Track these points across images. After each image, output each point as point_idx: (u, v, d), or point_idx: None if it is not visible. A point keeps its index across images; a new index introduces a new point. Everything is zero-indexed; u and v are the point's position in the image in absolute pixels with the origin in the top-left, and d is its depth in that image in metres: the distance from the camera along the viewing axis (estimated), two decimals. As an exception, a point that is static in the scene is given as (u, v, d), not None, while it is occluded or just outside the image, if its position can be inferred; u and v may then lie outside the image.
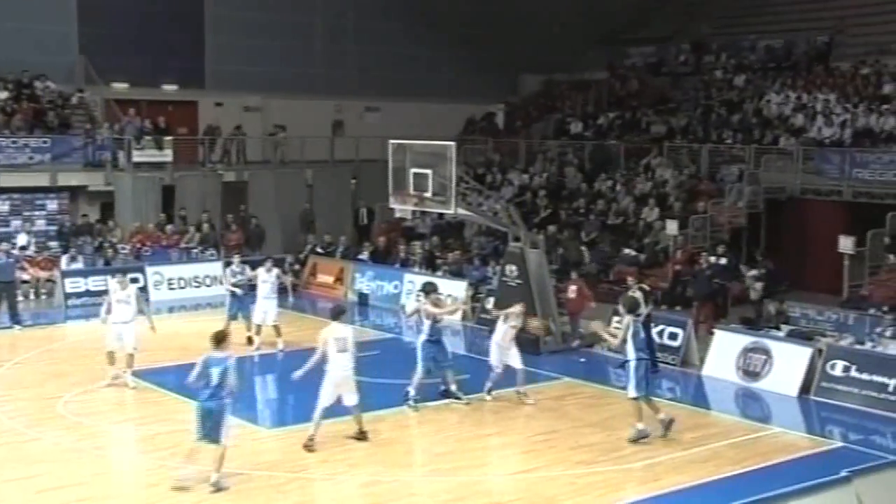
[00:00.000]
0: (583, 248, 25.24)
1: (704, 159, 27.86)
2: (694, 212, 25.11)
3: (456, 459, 13.30)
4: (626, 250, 24.99)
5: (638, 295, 17.96)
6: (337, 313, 13.70)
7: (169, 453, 13.13)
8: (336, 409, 14.96)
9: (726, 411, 16.28)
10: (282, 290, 23.98)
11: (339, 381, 13.29)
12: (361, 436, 13.62)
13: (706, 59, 34.19)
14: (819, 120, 27.45)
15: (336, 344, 13.26)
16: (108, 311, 16.56)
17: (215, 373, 11.72)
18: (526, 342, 19.17)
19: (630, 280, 19.19)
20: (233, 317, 19.33)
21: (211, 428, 11.73)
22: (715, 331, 18.72)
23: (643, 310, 18.02)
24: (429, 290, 16.07)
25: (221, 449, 11.80)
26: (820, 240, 23.70)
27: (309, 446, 13.27)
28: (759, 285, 20.96)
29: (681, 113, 31.43)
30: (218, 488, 11.79)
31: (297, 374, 13.33)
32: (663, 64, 35.50)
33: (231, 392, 11.81)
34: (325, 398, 13.31)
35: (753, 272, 21.62)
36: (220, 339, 12.04)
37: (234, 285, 19.52)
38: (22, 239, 25.32)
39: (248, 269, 20.07)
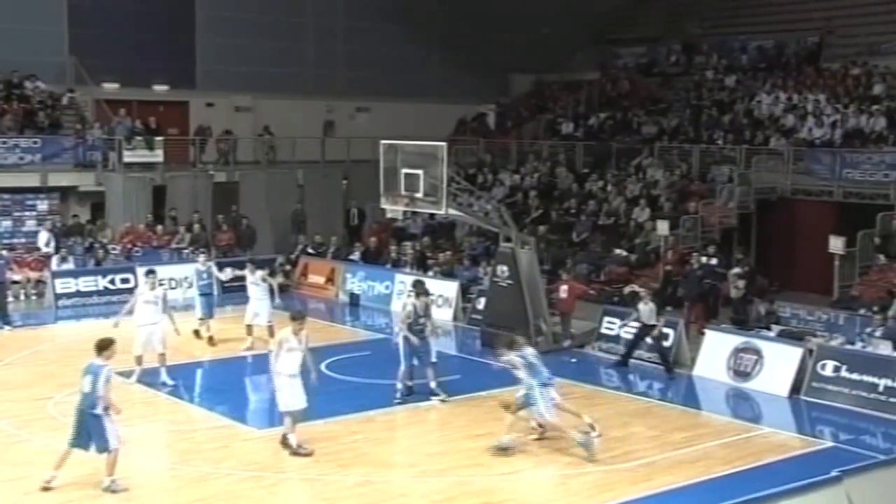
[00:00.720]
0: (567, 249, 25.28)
1: (695, 160, 27.90)
2: (685, 212, 25.14)
3: (447, 460, 13.27)
4: (617, 251, 25.01)
5: (646, 307, 17.97)
6: (297, 317, 13.51)
7: (158, 454, 13.09)
8: (326, 410, 14.98)
9: (717, 411, 16.29)
10: (280, 289, 24.19)
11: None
12: (284, 441, 13.31)
13: (697, 59, 34.24)
14: (809, 120, 27.50)
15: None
16: (130, 312, 16.44)
17: (88, 381, 11.56)
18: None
19: (642, 292, 19.05)
20: (204, 317, 19.50)
21: (93, 437, 11.57)
22: (706, 331, 18.74)
23: (646, 319, 18.02)
24: (420, 291, 15.97)
25: (113, 454, 11.64)
26: (810, 240, 23.74)
27: (286, 445, 13.28)
28: (741, 283, 20.99)
29: (672, 113, 31.47)
30: (113, 491, 11.67)
31: (314, 376, 13.24)
32: (654, 64, 35.54)
33: (104, 400, 11.55)
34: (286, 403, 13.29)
35: (736, 270, 21.65)
36: (102, 346, 11.82)
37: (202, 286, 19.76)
38: (43, 238, 25.10)
39: (214, 268, 20.29)
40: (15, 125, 27.23)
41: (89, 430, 11.58)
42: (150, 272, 17.48)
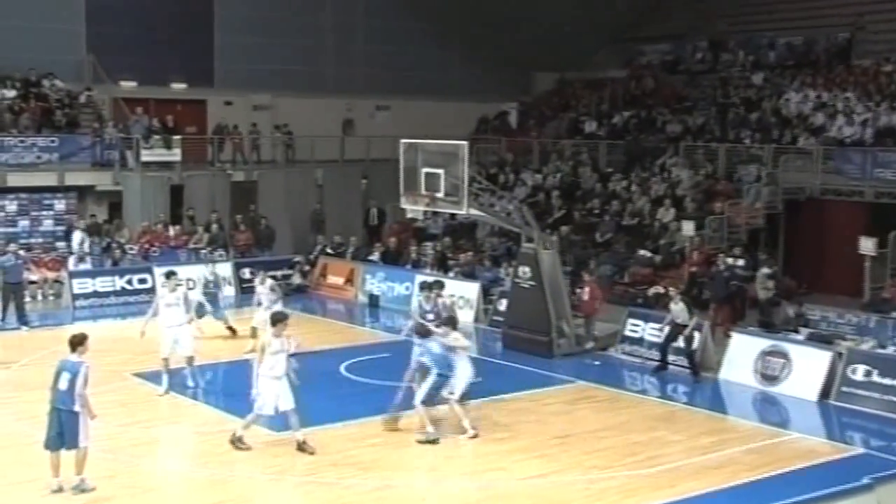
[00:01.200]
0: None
1: (722, 159, 27.78)
2: (711, 212, 25.04)
3: (468, 464, 13.28)
4: (642, 252, 24.94)
5: (677, 307, 17.98)
6: (276, 319, 13.55)
7: (174, 457, 13.15)
8: (344, 412, 15.01)
9: (744, 416, 16.20)
10: (298, 290, 24.30)
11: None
12: (302, 446, 13.36)
13: (724, 56, 34.09)
14: (839, 119, 27.33)
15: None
16: (156, 314, 16.54)
17: (66, 378, 11.53)
18: (538, 345, 19.20)
19: (672, 291, 19.01)
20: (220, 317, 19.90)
21: (65, 434, 11.55)
22: (732, 334, 18.65)
23: (682, 319, 17.94)
24: (425, 286, 16.04)
25: (82, 451, 11.63)
26: (840, 241, 23.59)
27: (303, 449, 13.31)
28: (770, 284, 20.89)
29: (697, 112, 31.35)
30: (82, 490, 11.69)
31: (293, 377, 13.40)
32: (679, 62, 35.41)
33: (82, 398, 11.54)
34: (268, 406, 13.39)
35: (765, 270, 21.54)
36: (77, 342, 11.80)
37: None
38: (77, 237, 25.22)
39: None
40: (32, 124, 27.42)
41: (62, 427, 11.54)
42: (170, 274, 17.60)
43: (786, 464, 13.38)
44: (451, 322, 14.92)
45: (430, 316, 15.78)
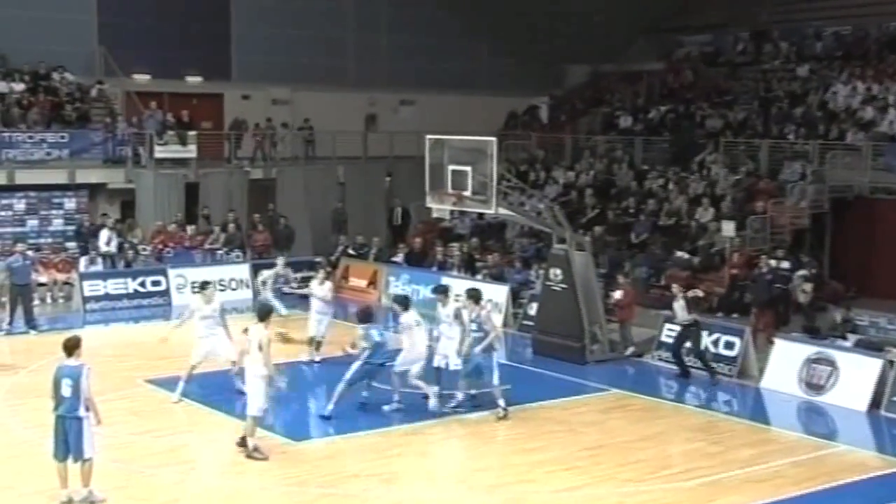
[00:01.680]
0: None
1: (764, 156, 27.63)
2: (752, 212, 24.90)
3: (496, 475, 13.27)
4: (679, 253, 24.84)
5: (678, 304, 18.07)
6: (263, 314, 13.79)
7: (190, 468, 13.23)
8: (369, 421, 15.05)
9: (788, 427, 16.11)
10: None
11: (247, 386, 13.58)
12: (242, 442, 13.60)
13: (766, 47, 33.89)
14: (890, 113, 27.10)
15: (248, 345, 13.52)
16: (180, 325, 16.73)
17: (67, 384, 11.51)
18: (570, 351, 19.18)
19: (675, 287, 19.10)
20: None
21: (72, 444, 11.55)
22: (775, 340, 18.55)
23: (681, 317, 18.03)
24: (474, 295, 15.92)
25: (88, 462, 11.64)
26: (891, 242, 23.43)
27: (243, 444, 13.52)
28: (807, 287, 20.75)
29: (738, 106, 31.19)
30: (91, 503, 11.71)
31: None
32: (720, 53, 35.24)
33: (87, 402, 11.54)
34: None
35: (801, 272, 21.39)
36: (73, 346, 11.80)
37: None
38: (104, 236, 25.36)
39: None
40: (42, 119, 27.65)
41: (67, 435, 11.57)
42: (205, 284, 17.43)
43: (833, 477, 13.30)
44: (403, 302, 15.99)
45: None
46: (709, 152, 28.66)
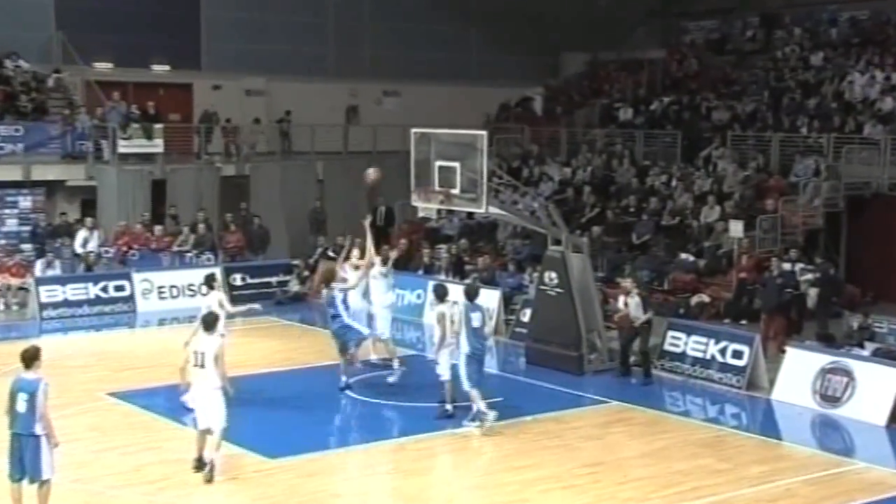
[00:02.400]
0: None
1: (775, 151, 27.70)
2: (762, 211, 24.96)
3: (487, 495, 13.26)
4: (683, 255, 24.89)
5: (633, 300, 18.47)
6: (209, 323, 13.58)
7: (157, 487, 13.18)
8: (350, 437, 15.01)
9: (801, 442, 16.15)
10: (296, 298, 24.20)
11: (196, 401, 13.41)
12: (198, 464, 13.38)
13: (777, 34, 33.99)
14: (911, 104, 27.26)
15: (192, 357, 13.29)
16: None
17: (22, 399, 11.37)
18: (566, 360, 19.19)
19: (628, 283, 19.40)
20: None
21: (28, 464, 11.39)
22: (787, 348, 18.59)
23: (635, 315, 18.44)
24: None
25: (46, 485, 11.47)
26: (911, 244, 23.50)
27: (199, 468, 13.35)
28: (812, 291, 20.79)
29: (747, 97, 31.27)
30: None
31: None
32: (727, 40, 35.34)
33: (44, 419, 11.38)
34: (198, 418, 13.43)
35: (807, 276, 21.45)
36: (29, 357, 11.70)
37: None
38: (80, 237, 25.31)
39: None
40: (-6, 111, 27.57)
41: (23, 455, 11.42)
42: (209, 278, 18.25)
43: (850, 497, 13.33)
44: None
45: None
46: (715, 147, 28.72)
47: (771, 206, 25.12)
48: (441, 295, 16.23)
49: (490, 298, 22.83)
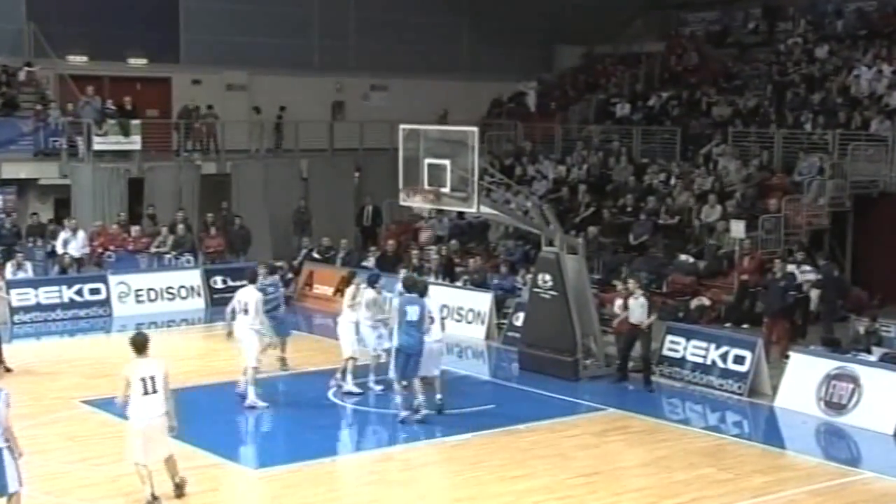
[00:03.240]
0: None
1: (778, 147, 27.73)
2: (765, 211, 25.00)
3: (478, 507, 13.26)
4: (683, 256, 24.92)
5: (636, 302, 18.65)
6: (140, 345, 12.68)
7: (133, 500, 13.13)
8: (334, 446, 14.98)
9: (805, 451, 16.15)
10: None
11: (147, 431, 12.54)
12: (179, 490, 12.97)
13: (781, 25, 34.04)
14: (920, 99, 27.32)
15: (140, 385, 12.48)
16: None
17: None
18: (561, 366, 19.18)
19: (631, 283, 19.27)
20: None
21: None
22: (790, 354, 18.61)
23: (638, 319, 18.50)
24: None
25: (15, 498, 11.27)
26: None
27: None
28: (814, 293, 20.80)
29: (749, 92, 31.31)
30: None
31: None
32: (728, 32, 35.39)
33: (6, 431, 11.16)
34: (135, 454, 12.57)
35: (808, 277, 21.44)
36: None
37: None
38: (62, 238, 25.35)
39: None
40: (-38, 106, 27.51)
41: None
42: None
43: (856, 508, 13.36)
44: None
45: None
46: (716, 143, 28.75)
47: (774, 206, 25.15)
48: (372, 281, 17.74)
49: (481, 301, 22.87)
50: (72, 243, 25.41)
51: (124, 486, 13.56)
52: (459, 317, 22.88)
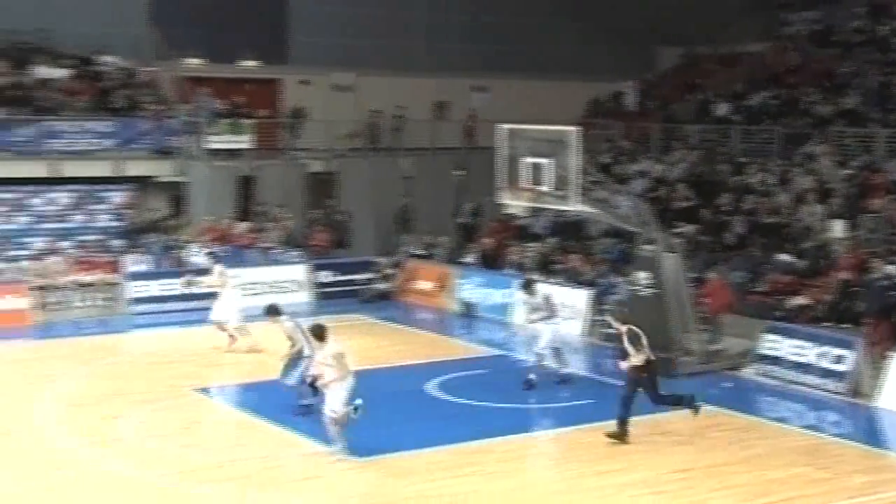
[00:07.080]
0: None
1: (881, 147, 27.13)
2: (866, 210, 24.48)
3: (576, 499, 13.18)
4: (781, 255, 24.49)
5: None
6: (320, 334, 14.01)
7: (240, 485, 13.32)
8: (436, 437, 15.06)
9: (906, 452, 15.81)
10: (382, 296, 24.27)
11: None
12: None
13: (886, 23, 33.24)
14: None
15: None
16: None
17: None
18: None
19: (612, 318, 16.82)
20: None
21: None
22: (891, 354, 18.19)
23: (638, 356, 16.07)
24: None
25: None
26: None
27: None
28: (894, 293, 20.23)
29: (852, 91, 30.66)
30: None
31: None
32: (832, 31, 34.64)
33: None
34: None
35: (891, 268, 20.85)
36: None
37: None
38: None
39: None
40: (86, 106, 28.03)
41: None
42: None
43: (958, 510, 13.02)
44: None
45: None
46: (817, 142, 28.20)
47: (876, 205, 24.61)
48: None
49: (579, 299, 22.75)
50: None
51: (231, 472, 13.80)
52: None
